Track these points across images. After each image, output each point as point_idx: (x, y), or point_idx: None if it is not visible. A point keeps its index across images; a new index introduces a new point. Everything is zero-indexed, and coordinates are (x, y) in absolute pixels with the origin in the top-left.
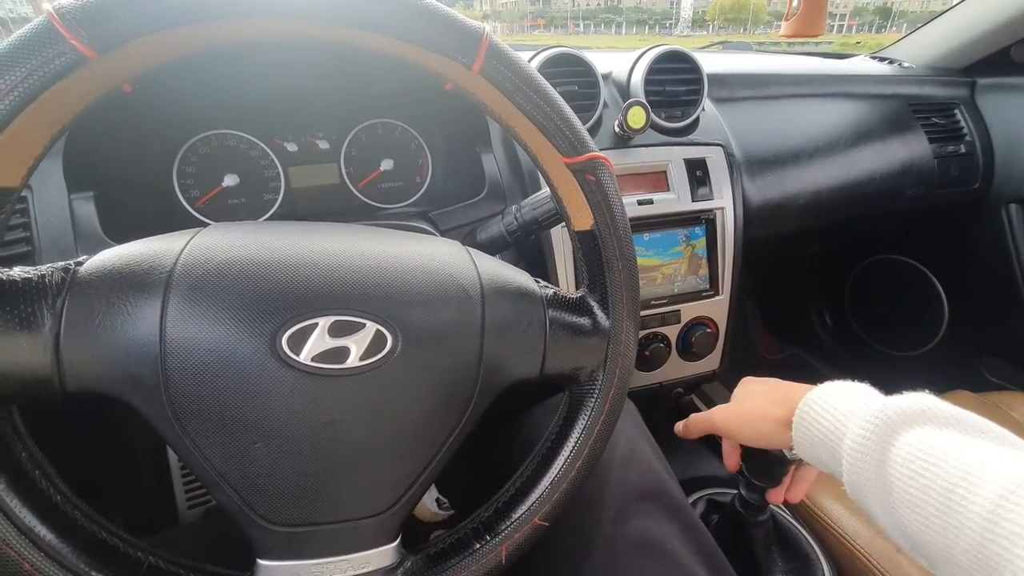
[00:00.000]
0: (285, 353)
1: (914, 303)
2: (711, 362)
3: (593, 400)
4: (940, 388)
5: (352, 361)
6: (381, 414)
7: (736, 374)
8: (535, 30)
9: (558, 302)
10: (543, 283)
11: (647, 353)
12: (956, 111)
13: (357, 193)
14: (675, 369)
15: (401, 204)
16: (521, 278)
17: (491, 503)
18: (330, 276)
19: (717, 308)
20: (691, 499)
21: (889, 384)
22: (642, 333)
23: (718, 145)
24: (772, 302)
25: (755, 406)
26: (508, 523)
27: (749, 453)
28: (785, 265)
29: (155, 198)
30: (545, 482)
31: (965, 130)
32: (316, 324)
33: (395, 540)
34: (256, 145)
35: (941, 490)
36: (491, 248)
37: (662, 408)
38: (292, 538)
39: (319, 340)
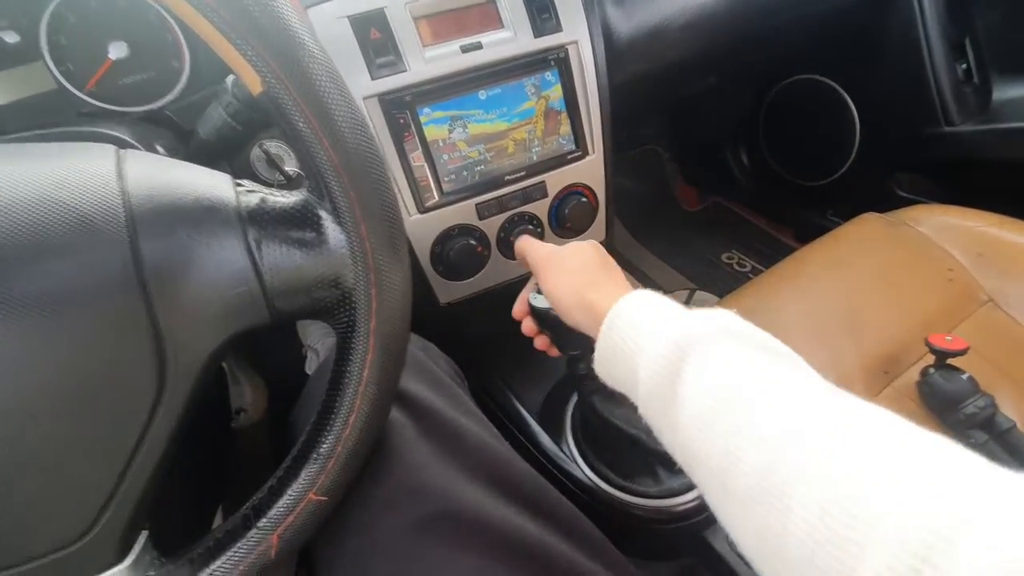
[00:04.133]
0: None
1: (826, 127)
2: (595, 235)
3: (355, 337)
4: (850, 214)
5: None
6: None
7: (658, 231)
8: None
9: (265, 213)
10: (249, 186)
11: (512, 240)
12: None
13: (86, 98)
14: None
15: (159, 102)
16: (205, 185)
17: (267, 485)
18: None
19: (591, 171)
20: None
21: (805, 215)
22: (503, 216)
23: None
24: (688, 152)
25: (577, 283)
26: (279, 504)
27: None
28: (697, 109)
29: None
30: (321, 448)
31: None
32: None
33: (124, 559)
34: None
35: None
36: (220, 144)
37: None
38: None
39: None
